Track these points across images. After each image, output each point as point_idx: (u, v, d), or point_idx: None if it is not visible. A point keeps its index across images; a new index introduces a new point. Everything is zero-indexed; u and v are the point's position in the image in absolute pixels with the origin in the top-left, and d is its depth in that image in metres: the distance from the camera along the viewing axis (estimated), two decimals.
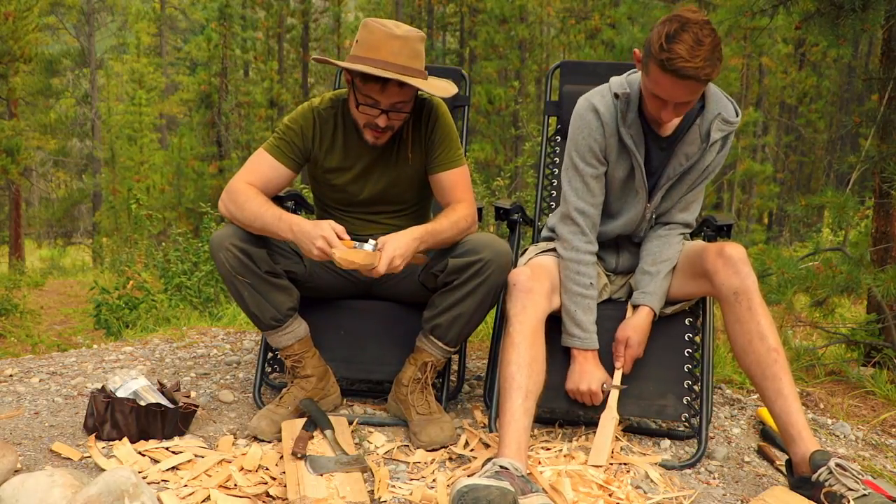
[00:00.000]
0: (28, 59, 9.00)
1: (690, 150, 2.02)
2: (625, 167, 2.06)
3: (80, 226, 23.02)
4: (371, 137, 2.09)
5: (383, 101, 2.00)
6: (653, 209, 2.11)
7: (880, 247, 3.28)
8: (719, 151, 2.05)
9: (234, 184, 2.09)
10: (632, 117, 2.00)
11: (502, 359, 1.90)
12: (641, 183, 2.06)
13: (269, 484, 1.80)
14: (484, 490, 1.56)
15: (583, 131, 2.04)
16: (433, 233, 2.00)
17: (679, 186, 2.09)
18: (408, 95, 2.02)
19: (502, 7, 16.52)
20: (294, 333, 2.17)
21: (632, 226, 2.15)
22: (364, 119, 2.06)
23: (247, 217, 2.01)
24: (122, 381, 2.06)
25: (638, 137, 2.01)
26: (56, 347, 5.47)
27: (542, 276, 2.01)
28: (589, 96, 2.06)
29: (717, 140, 2.00)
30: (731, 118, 2.00)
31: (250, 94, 19.02)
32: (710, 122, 1.99)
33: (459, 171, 2.18)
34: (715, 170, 2.08)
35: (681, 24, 1.75)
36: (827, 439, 2.34)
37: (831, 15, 3.18)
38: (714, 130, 1.98)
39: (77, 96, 22.14)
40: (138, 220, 9.35)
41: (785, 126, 17.90)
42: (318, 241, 1.86)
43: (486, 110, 16.50)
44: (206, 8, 18.27)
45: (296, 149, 2.15)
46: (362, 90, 2.01)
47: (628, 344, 2.07)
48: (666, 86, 1.80)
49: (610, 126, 2.02)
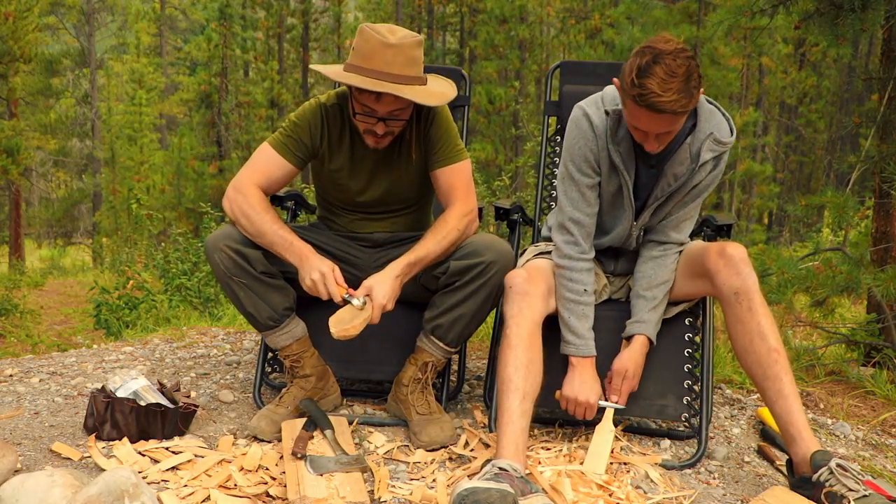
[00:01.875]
0: (28, 59, 9.00)
1: (679, 170, 1.97)
2: (614, 183, 2.03)
3: (80, 226, 23.02)
4: (372, 142, 2.09)
5: (380, 109, 2.00)
6: (640, 227, 2.10)
7: (880, 247, 3.28)
8: (711, 171, 1.99)
9: (241, 182, 2.09)
10: (622, 134, 1.96)
11: (500, 361, 1.90)
12: (629, 202, 2.04)
13: (269, 484, 1.80)
14: (484, 493, 1.56)
15: (578, 141, 2.01)
16: (416, 262, 2.02)
17: (667, 205, 2.06)
18: (404, 103, 2.02)
19: (502, 7, 16.53)
20: (291, 333, 2.17)
21: (620, 240, 2.14)
22: (363, 126, 2.07)
23: (255, 232, 2.04)
24: (122, 381, 2.06)
25: (627, 155, 1.98)
26: (56, 347, 5.47)
27: (538, 278, 2.00)
28: (584, 105, 2.02)
29: (707, 161, 1.95)
30: (724, 138, 1.93)
31: (250, 94, 19.03)
32: (700, 142, 1.93)
33: (459, 167, 2.16)
34: (707, 188, 2.02)
35: (652, 56, 1.71)
36: (827, 439, 2.34)
37: (830, 15, 3.17)
38: (705, 151, 1.92)
39: (77, 96, 22.13)
40: (138, 220, 9.36)
41: (785, 126, 17.91)
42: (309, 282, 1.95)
43: (486, 110, 16.51)
44: (206, 8, 18.27)
45: (302, 146, 2.15)
46: (359, 100, 2.02)
47: (626, 376, 2.04)
48: (643, 119, 1.78)
49: (602, 140, 1.99)
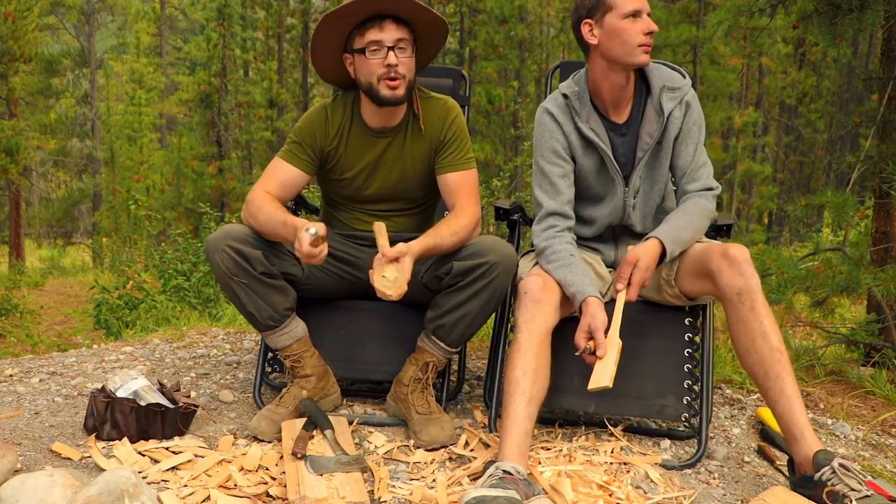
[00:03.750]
0: (28, 59, 9.01)
1: (650, 127, 2.09)
2: (593, 159, 2.12)
3: (79, 226, 23.00)
4: (388, 90, 2.09)
5: (385, 37, 2.06)
6: (633, 192, 2.13)
7: (880, 247, 3.28)
8: (686, 117, 2.09)
9: (251, 194, 2.15)
10: (587, 112, 2.09)
11: (508, 363, 1.90)
12: (614, 170, 2.11)
13: (269, 484, 1.80)
14: (492, 501, 1.56)
15: (543, 135, 2.13)
16: (432, 249, 2.01)
17: (655, 164, 2.12)
18: (406, 34, 2.09)
19: (502, 7, 16.51)
20: (292, 334, 2.17)
21: (617, 212, 2.16)
22: (376, 69, 2.08)
23: (261, 224, 2.07)
24: (122, 381, 2.06)
25: (598, 128, 2.09)
26: (56, 347, 5.47)
27: (553, 287, 2.00)
28: (544, 103, 2.17)
29: (672, 109, 2.06)
30: (676, 83, 2.07)
31: (250, 94, 19.01)
32: (658, 96, 2.06)
33: (467, 174, 2.19)
34: (693, 132, 2.10)
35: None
36: (827, 439, 2.34)
37: (829, 15, 3.17)
38: (665, 101, 2.06)
39: (77, 96, 22.12)
40: (138, 221, 9.36)
41: (785, 126, 17.91)
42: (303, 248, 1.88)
43: (486, 110, 16.50)
44: (206, 8, 18.25)
45: (307, 149, 2.20)
46: (364, 41, 2.07)
47: (637, 266, 1.93)
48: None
49: (566, 125, 2.10)
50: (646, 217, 2.19)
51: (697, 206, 2.08)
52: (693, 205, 2.08)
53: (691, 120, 2.10)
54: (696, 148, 2.11)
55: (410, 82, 2.13)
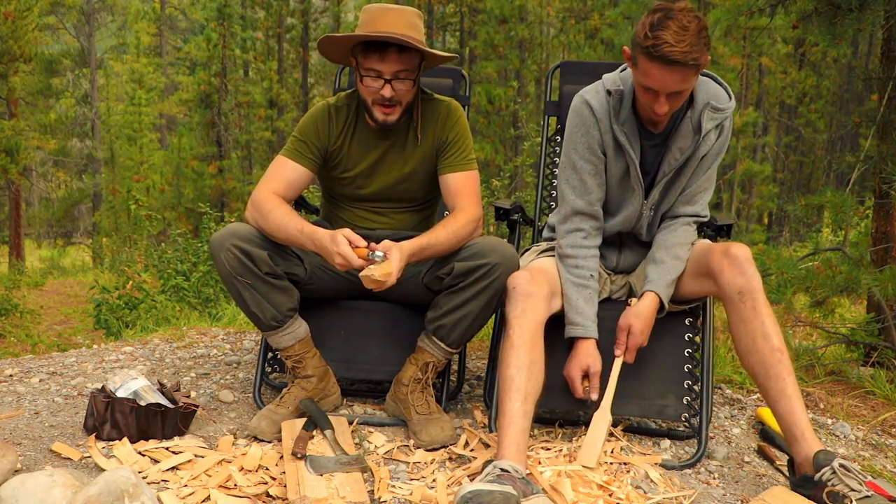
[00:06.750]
0: (28, 59, 9.02)
1: (684, 143, 2.00)
2: (621, 165, 2.06)
3: (79, 226, 23.00)
4: (381, 115, 2.10)
5: (385, 69, 2.04)
6: (650, 206, 2.10)
7: (880, 247, 3.28)
8: (716, 140, 2.02)
9: (257, 194, 2.13)
10: (625, 114, 2.00)
11: (501, 361, 1.90)
12: (637, 180, 2.05)
13: (269, 484, 1.80)
14: (487, 495, 1.56)
15: (579, 128, 2.05)
16: (426, 248, 2.01)
17: (678, 181, 2.07)
18: (409, 63, 2.06)
19: (502, 7, 16.51)
20: (294, 334, 2.17)
21: (630, 222, 2.14)
22: (370, 94, 2.09)
23: (271, 228, 2.06)
24: (122, 381, 2.06)
25: (632, 134, 2.01)
26: (56, 347, 5.48)
27: (541, 280, 2.00)
28: (583, 92, 2.06)
29: (710, 129, 1.97)
30: (722, 104, 1.97)
31: (250, 94, 19.01)
32: (699, 112, 1.97)
33: (468, 175, 2.19)
34: (716, 158, 2.05)
35: (665, 13, 1.77)
36: (827, 439, 2.34)
37: (829, 14, 3.18)
38: (705, 120, 1.96)
39: (77, 96, 22.12)
40: (138, 221, 9.36)
41: (785, 126, 17.90)
42: (337, 259, 1.91)
43: (486, 110, 16.49)
44: (206, 8, 18.26)
45: (312, 147, 2.19)
46: (364, 65, 2.06)
47: (630, 332, 2.01)
48: (655, 75, 1.80)
49: (604, 122, 2.02)
50: (653, 226, 2.17)
51: (685, 239, 2.09)
52: (682, 236, 2.09)
53: (720, 144, 2.04)
54: (710, 171, 2.08)
55: (408, 104, 2.13)
